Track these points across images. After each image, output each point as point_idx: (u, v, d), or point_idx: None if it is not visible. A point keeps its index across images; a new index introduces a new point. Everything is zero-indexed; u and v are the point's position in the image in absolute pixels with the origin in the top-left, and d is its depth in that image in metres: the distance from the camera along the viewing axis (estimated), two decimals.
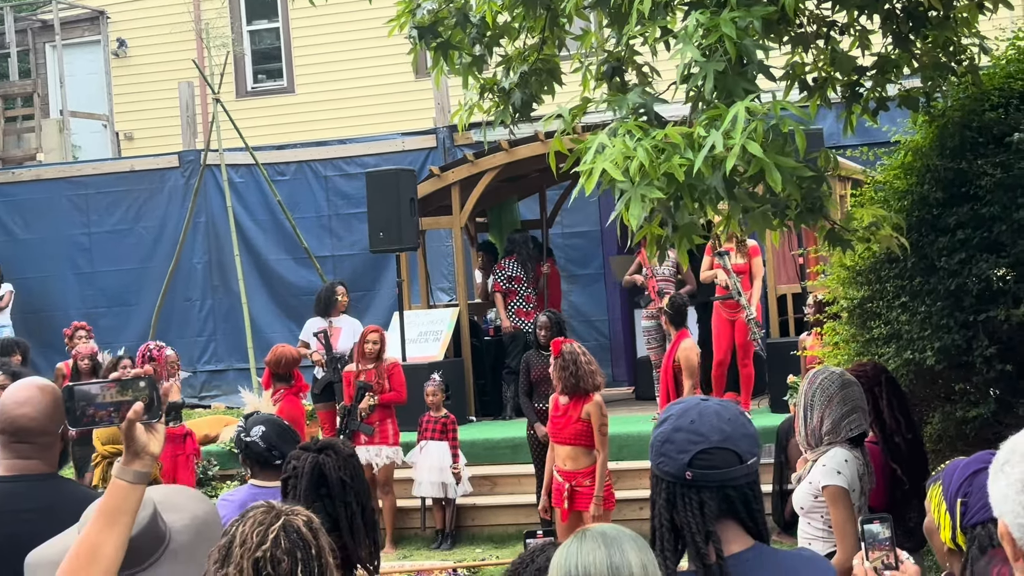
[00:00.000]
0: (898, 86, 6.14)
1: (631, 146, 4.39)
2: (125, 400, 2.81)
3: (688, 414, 2.83)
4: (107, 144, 20.58)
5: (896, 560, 3.48)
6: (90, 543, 2.75)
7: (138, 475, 2.81)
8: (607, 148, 4.45)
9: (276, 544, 2.54)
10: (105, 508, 2.78)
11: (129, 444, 2.81)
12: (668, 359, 10.12)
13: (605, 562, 2.36)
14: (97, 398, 2.82)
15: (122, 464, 2.83)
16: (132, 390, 2.82)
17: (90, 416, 2.84)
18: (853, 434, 5.05)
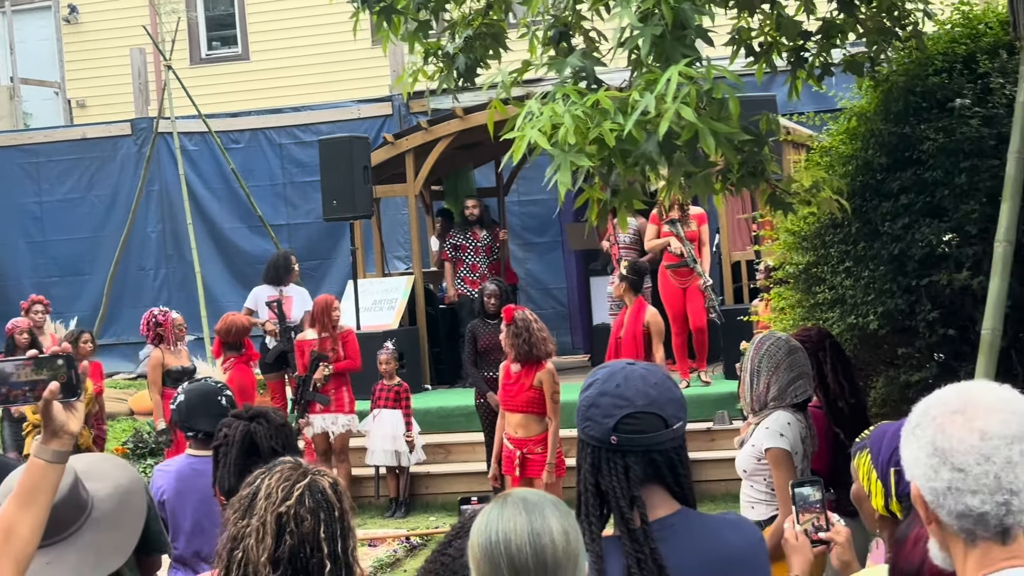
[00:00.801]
0: (843, 51, 6.13)
1: (560, 112, 4.35)
2: (41, 379, 2.73)
3: (614, 378, 2.80)
4: (59, 112, 20.34)
5: (827, 522, 3.49)
6: (6, 523, 2.69)
7: (56, 454, 2.75)
8: (535, 114, 4.41)
9: (300, 502, 2.51)
10: (22, 487, 2.72)
11: (47, 423, 2.74)
12: (635, 326, 10.05)
13: (526, 528, 2.33)
14: (12, 377, 2.73)
15: (40, 443, 2.76)
16: (48, 369, 2.74)
17: (3, 395, 2.76)
18: (798, 400, 5.07)
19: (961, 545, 2.09)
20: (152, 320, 10.87)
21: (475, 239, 13.88)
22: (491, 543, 2.34)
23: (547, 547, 2.32)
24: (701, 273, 11.31)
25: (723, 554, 2.76)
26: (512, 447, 8.50)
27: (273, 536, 2.47)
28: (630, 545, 2.68)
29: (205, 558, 4.98)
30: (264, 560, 2.46)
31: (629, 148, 4.51)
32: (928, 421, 2.14)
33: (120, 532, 3.24)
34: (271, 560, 2.46)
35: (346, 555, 2.52)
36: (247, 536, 2.49)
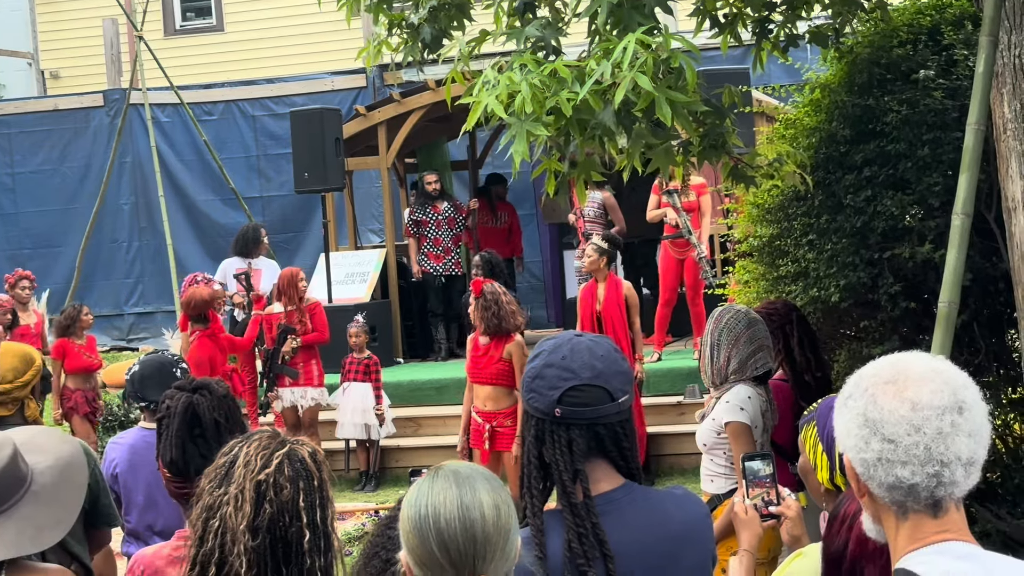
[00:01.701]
0: (809, 23, 6.09)
1: (517, 81, 4.31)
2: None
3: (560, 350, 2.77)
4: (32, 82, 20.17)
5: (778, 497, 3.47)
6: None
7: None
8: (491, 82, 4.37)
9: (279, 470, 2.48)
10: None
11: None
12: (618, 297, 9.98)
13: (456, 502, 2.30)
14: None
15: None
16: None
17: None
18: (759, 372, 5.06)
19: (893, 518, 2.07)
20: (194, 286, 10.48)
21: (436, 212, 13.74)
22: (420, 516, 2.31)
23: (476, 521, 2.29)
24: (696, 244, 11.26)
25: (667, 529, 2.74)
26: (481, 420, 8.48)
27: (252, 504, 2.44)
28: (571, 519, 2.65)
29: (159, 532, 4.95)
30: (243, 528, 2.42)
31: (586, 118, 4.47)
32: (860, 392, 2.12)
33: (60, 506, 3.20)
34: (250, 528, 2.43)
35: (325, 524, 2.49)
36: (224, 504, 2.46)
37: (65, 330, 11.01)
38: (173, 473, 3.54)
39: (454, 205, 13.94)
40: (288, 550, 2.44)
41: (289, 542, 2.44)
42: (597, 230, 12.30)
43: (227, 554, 2.44)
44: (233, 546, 2.43)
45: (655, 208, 12.01)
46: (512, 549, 2.35)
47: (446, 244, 13.74)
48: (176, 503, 4.89)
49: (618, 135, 4.57)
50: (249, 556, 2.42)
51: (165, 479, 3.59)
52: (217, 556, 2.45)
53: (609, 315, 9.96)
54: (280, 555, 2.43)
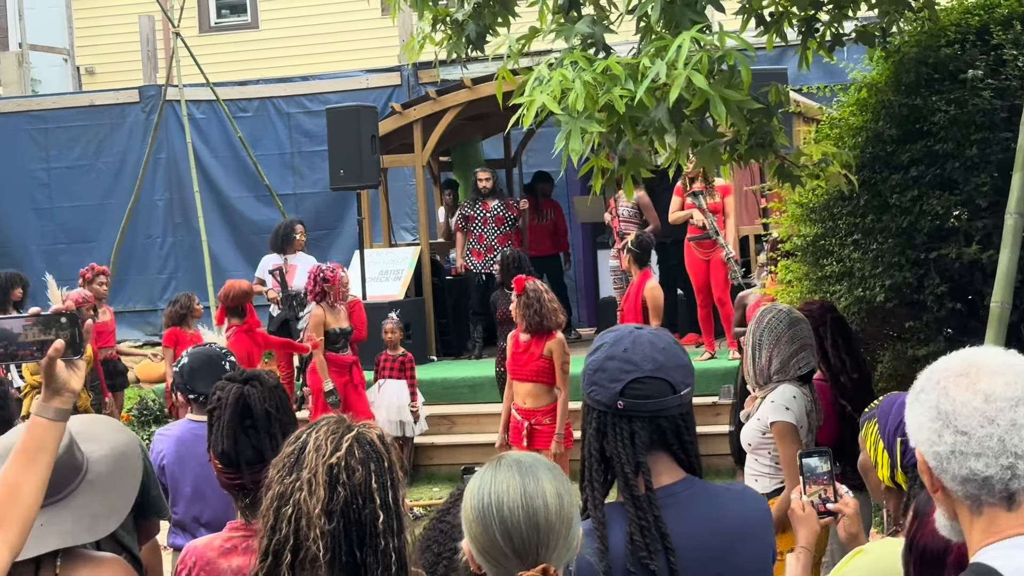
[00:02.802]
0: (855, 22, 6.06)
1: (570, 78, 4.30)
2: (48, 339, 2.72)
3: (621, 342, 2.77)
4: (68, 78, 20.27)
5: (835, 494, 3.45)
6: (9, 482, 2.68)
7: (58, 412, 2.74)
8: (545, 79, 4.36)
9: (350, 453, 2.47)
10: (25, 446, 2.71)
11: (49, 381, 2.73)
12: (635, 299, 10.02)
13: (519, 490, 2.31)
14: (19, 337, 2.73)
15: (42, 401, 2.75)
16: (55, 328, 2.74)
17: (9, 354, 2.76)
18: (802, 372, 5.04)
19: (967, 513, 2.06)
20: (319, 276, 10.27)
21: (485, 210, 13.77)
22: (483, 505, 2.32)
23: (540, 509, 2.30)
24: (724, 245, 11.23)
25: (727, 524, 2.73)
26: (520, 418, 8.47)
27: (325, 487, 2.43)
28: (633, 512, 2.65)
29: (205, 523, 4.97)
30: (318, 512, 2.42)
31: (639, 115, 4.46)
32: (932, 386, 2.11)
33: (115, 495, 3.21)
34: (325, 511, 2.42)
35: (397, 505, 2.48)
36: (297, 490, 2.45)
37: (180, 320, 10.93)
38: (224, 464, 3.53)
39: (505, 203, 13.89)
40: (362, 532, 2.43)
41: (363, 524, 2.43)
42: (632, 229, 12.30)
43: (302, 540, 2.43)
44: (309, 531, 2.42)
45: (678, 209, 11.99)
46: (574, 538, 2.35)
47: (490, 242, 13.70)
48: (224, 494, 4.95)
49: (670, 132, 4.55)
50: (326, 540, 2.41)
51: (216, 470, 3.59)
52: (292, 543, 2.44)
53: (626, 314, 10.01)
54: (354, 538, 2.43)
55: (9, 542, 2.64)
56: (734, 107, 4.44)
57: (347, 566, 2.42)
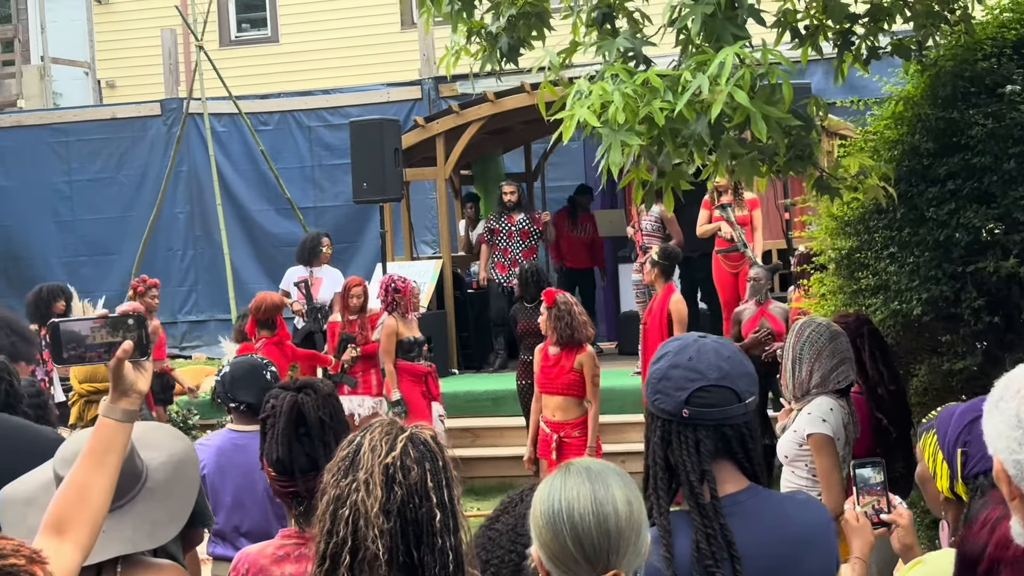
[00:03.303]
0: (890, 35, 6.07)
1: (609, 91, 4.31)
2: (115, 341, 2.74)
3: (686, 351, 2.78)
4: (88, 91, 20.36)
5: (888, 504, 3.44)
6: (78, 483, 2.69)
7: (126, 413, 2.75)
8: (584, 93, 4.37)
9: (405, 452, 2.46)
10: (93, 448, 2.72)
11: (117, 383, 2.74)
12: (661, 312, 9.98)
13: (589, 496, 2.31)
14: (87, 339, 2.75)
15: (109, 403, 2.76)
16: (122, 329, 2.76)
17: (78, 355, 2.78)
18: (841, 386, 5.04)
19: None
20: (391, 286, 10.18)
21: (510, 223, 13.78)
22: (553, 511, 2.32)
23: (610, 516, 2.30)
24: (752, 258, 11.23)
25: (792, 533, 2.74)
26: (549, 430, 8.47)
27: (382, 487, 2.42)
28: (699, 520, 2.66)
29: (245, 533, 4.99)
30: (376, 511, 2.40)
31: (679, 128, 4.47)
32: (1012, 394, 2.10)
33: (174, 502, 3.22)
34: (383, 510, 2.41)
35: (453, 504, 2.47)
36: (353, 492, 2.43)
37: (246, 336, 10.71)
38: (278, 472, 3.54)
39: (530, 216, 13.89)
40: (419, 531, 2.42)
41: (420, 523, 2.42)
42: (655, 243, 12.28)
43: (360, 541, 2.42)
44: (367, 530, 2.41)
45: (706, 222, 11.99)
46: (643, 544, 2.35)
47: (515, 255, 13.70)
48: (263, 504, 4.97)
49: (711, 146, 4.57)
50: (384, 539, 2.40)
51: (270, 478, 3.60)
52: (350, 544, 2.43)
53: (651, 327, 9.96)
54: (411, 537, 2.42)
55: (80, 543, 2.65)
56: (774, 123, 4.45)
57: (405, 566, 2.41)
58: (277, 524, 4.96)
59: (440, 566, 2.43)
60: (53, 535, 2.63)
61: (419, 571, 2.43)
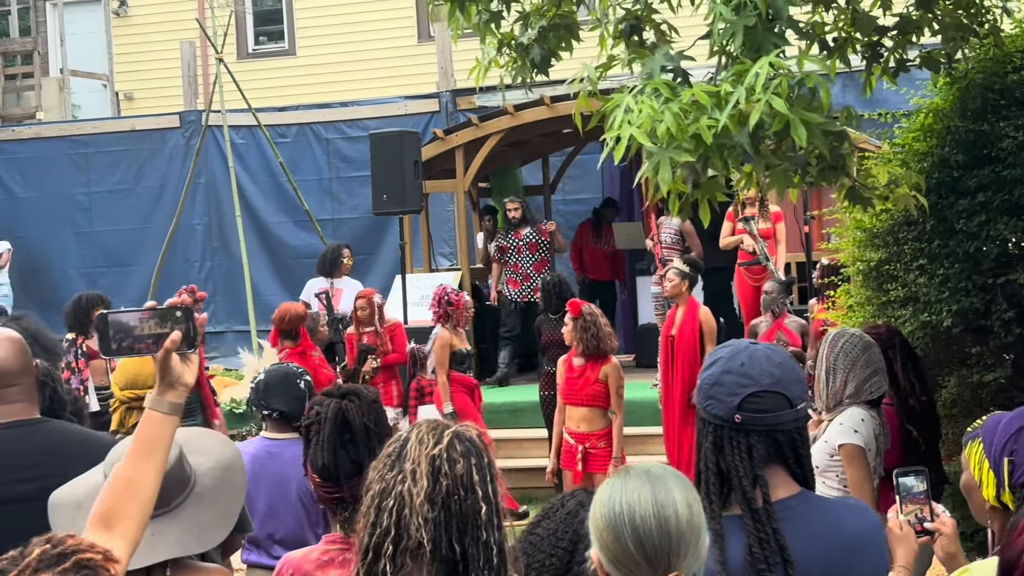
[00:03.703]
0: (919, 48, 6.08)
1: (658, 109, 4.33)
2: (163, 332, 2.76)
3: (738, 357, 2.80)
4: (107, 104, 20.44)
5: (931, 513, 3.44)
6: (127, 477, 2.71)
7: (173, 406, 2.77)
8: (633, 111, 4.38)
9: (451, 446, 2.47)
10: (140, 441, 2.74)
11: (164, 375, 2.75)
12: (692, 322, 9.93)
13: (650, 499, 2.33)
14: (135, 330, 2.76)
15: (156, 395, 2.78)
16: (170, 321, 2.77)
17: (127, 346, 2.79)
18: (874, 396, 5.04)
19: None
20: (444, 298, 10.08)
21: (517, 238, 13.72)
22: (615, 514, 2.34)
23: (671, 518, 2.32)
24: (774, 271, 11.23)
25: (843, 538, 2.75)
26: (573, 441, 8.46)
27: (428, 477, 2.43)
28: (752, 524, 2.68)
29: (279, 540, 5.01)
30: (421, 500, 2.41)
31: (725, 142, 4.48)
32: None
33: (221, 507, 3.24)
34: (428, 499, 2.41)
35: (497, 500, 2.48)
36: (399, 483, 2.45)
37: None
38: (323, 478, 3.55)
39: (537, 229, 13.83)
40: (464, 524, 2.43)
41: (464, 516, 2.43)
42: (674, 256, 12.28)
43: (403, 529, 2.42)
44: (411, 518, 2.41)
45: (729, 235, 11.99)
46: (703, 547, 2.37)
47: (526, 270, 13.66)
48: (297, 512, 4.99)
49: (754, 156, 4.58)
50: (428, 528, 2.40)
51: (314, 484, 3.62)
52: (393, 534, 2.43)
53: (682, 340, 9.90)
54: (455, 529, 2.42)
55: (128, 537, 2.67)
56: (814, 129, 4.46)
57: (447, 560, 2.41)
58: (310, 531, 4.99)
59: (484, 559, 2.43)
60: (102, 529, 2.65)
61: (461, 565, 2.43)
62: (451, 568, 2.42)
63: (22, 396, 3.74)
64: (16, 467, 3.64)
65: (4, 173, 18.12)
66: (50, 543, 2.20)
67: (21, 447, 3.68)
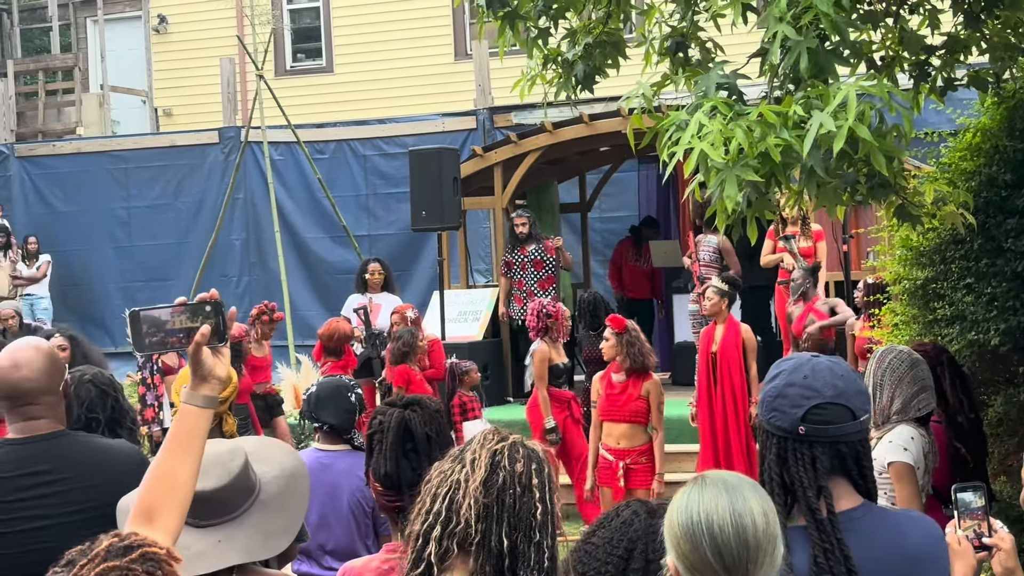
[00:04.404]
0: (966, 67, 6.09)
1: (728, 126, 4.36)
2: (194, 327, 2.80)
3: (801, 369, 2.82)
4: (145, 119, 20.64)
5: (989, 529, 3.45)
6: (164, 469, 2.75)
7: (207, 399, 2.82)
8: (704, 128, 4.40)
9: (514, 448, 2.52)
10: (177, 434, 2.78)
11: (196, 368, 2.81)
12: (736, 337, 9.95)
13: (728, 508, 2.35)
14: (166, 324, 2.80)
15: (190, 389, 2.82)
16: (201, 315, 2.81)
17: (159, 341, 2.83)
18: (922, 413, 5.03)
19: None
20: (542, 311, 9.99)
21: (523, 255, 13.45)
22: (692, 523, 2.37)
23: (748, 527, 2.35)
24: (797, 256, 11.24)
25: (907, 549, 2.78)
26: (612, 458, 8.45)
27: (486, 468, 2.46)
28: (817, 535, 2.71)
29: (330, 551, 5.05)
30: (476, 485, 2.44)
31: (791, 162, 4.50)
32: None
33: (285, 515, 3.28)
34: (483, 484, 2.44)
35: (554, 508, 2.50)
36: (457, 472, 2.48)
37: (404, 357, 10.44)
38: (385, 487, 3.60)
39: (543, 246, 13.48)
40: (516, 520, 2.44)
41: (518, 512, 2.45)
42: (712, 274, 12.31)
43: (453, 512, 2.44)
44: (463, 500, 2.44)
45: (770, 253, 11.99)
46: (779, 556, 2.40)
47: (530, 287, 13.34)
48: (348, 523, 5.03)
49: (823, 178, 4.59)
50: (478, 510, 2.42)
51: (376, 492, 3.66)
52: (443, 516, 2.45)
53: (726, 357, 9.91)
54: (506, 523, 2.43)
55: (168, 530, 2.71)
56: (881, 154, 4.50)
57: (495, 553, 2.42)
58: (361, 542, 5.04)
59: (536, 561, 2.44)
60: (143, 522, 2.69)
61: (509, 561, 2.43)
62: (498, 564, 2.43)
63: (46, 412, 3.75)
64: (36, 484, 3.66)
65: (45, 188, 18.31)
66: (117, 537, 2.29)
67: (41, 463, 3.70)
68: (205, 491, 3.01)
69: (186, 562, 2.98)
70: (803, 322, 10.31)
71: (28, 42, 23.16)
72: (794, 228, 11.33)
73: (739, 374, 9.70)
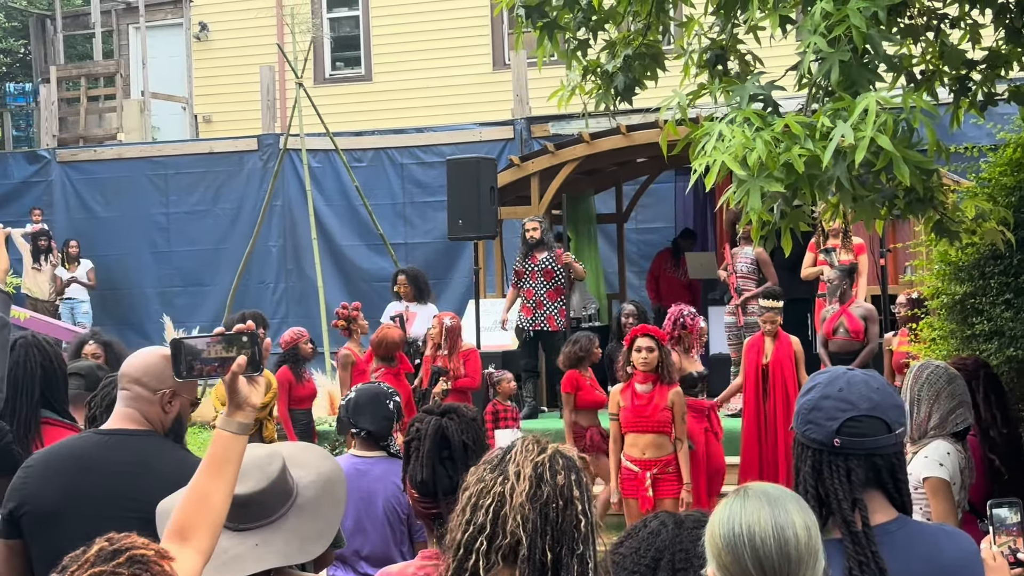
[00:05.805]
0: (1007, 82, 6.07)
1: (751, 137, 4.36)
2: (230, 356, 2.90)
3: (836, 382, 2.83)
4: (185, 126, 20.80)
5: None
6: (199, 491, 2.83)
7: (241, 426, 2.90)
8: (727, 138, 4.42)
9: (554, 458, 2.51)
10: (212, 458, 2.87)
11: (232, 396, 2.89)
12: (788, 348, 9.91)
13: (770, 521, 2.36)
14: (203, 353, 2.91)
15: (226, 416, 2.91)
16: (236, 346, 2.90)
17: (197, 370, 2.94)
18: (959, 428, 5.01)
19: None
20: (679, 320, 9.71)
21: (533, 263, 12.90)
22: (734, 534, 2.38)
23: (791, 540, 2.36)
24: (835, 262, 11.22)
25: (942, 563, 2.77)
26: (638, 469, 8.39)
27: (530, 481, 2.45)
28: (852, 548, 2.71)
29: (365, 557, 5.08)
30: (522, 500, 2.42)
31: (816, 173, 4.51)
32: None
33: (322, 519, 3.32)
34: (529, 499, 2.43)
35: (594, 519, 2.50)
36: (501, 484, 2.47)
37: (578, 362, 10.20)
38: (422, 494, 3.62)
39: (554, 255, 13.00)
40: (559, 534, 2.44)
41: (562, 526, 2.44)
42: (750, 286, 12.31)
43: (499, 527, 2.43)
44: (509, 516, 2.42)
45: (811, 266, 11.96)
46: (820, 569, 2.40)
47: (539, 297, 12.92)
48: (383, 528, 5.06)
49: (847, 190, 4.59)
50: (526, 527, 2.40)
51: (412, 499, 3.68)
52: (488, 531, 2.44)
53: (778, 369, 9.90)
54: (550, 537, 2.43)
55: (201, 549, 2.78)
56: (913, 167, 4.49)
57: (539, 566, 2.42)
58: (395, 548, 5.06)
59: (579, 572, 2.44)
60: (177, 541, 2.76)
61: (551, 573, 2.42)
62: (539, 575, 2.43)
63: (139, 404, 3.82)
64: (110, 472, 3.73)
65: (85, 193, 18.48)
66: (108, 541, 2.40)
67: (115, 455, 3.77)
68: (243, 495, 3.05)
69: (223, 565, 3.05)
70: (833, 324, 10.26)
71: (71, 48, 23.38)
72: (835, 241, 11.29)
73: (793, 386, 9.66)
